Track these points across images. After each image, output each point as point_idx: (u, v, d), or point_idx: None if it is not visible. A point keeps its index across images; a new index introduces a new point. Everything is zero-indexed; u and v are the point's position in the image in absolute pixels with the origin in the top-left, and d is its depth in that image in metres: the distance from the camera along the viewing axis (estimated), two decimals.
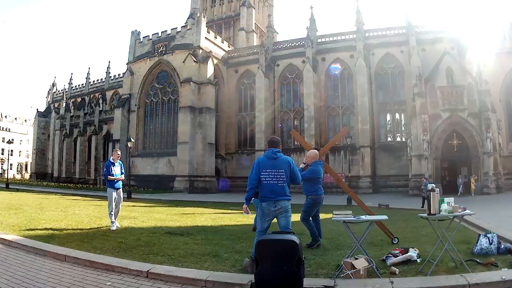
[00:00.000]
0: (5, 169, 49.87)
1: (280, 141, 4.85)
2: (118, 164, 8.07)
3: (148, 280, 4.28)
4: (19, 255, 5.37)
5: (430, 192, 4.69)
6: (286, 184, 4.57)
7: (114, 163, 8.01)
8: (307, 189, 6.24)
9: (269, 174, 4.53)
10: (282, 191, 4.52)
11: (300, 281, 3.67)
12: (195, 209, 14.59)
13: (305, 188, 6.27)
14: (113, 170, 7.90)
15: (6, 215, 9.33)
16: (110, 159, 8.17)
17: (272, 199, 4.51)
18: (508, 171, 24.99)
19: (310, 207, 6.26)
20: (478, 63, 24.45)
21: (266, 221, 4.61)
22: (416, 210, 13.90)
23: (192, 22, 34.96)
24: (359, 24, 31.43)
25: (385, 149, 30.44)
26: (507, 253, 5.23)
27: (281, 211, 4.53)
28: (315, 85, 31.63)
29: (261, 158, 4.72)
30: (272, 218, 4.62)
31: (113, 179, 7.86)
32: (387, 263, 4.80)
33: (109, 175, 7.84)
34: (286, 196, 4.55)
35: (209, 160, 32.10)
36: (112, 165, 7.96)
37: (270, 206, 4.52)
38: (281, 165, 4.56)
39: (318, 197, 6.24)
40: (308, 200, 6.25)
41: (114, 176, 7.87)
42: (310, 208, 6.27)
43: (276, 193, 4.50)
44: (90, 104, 47.00)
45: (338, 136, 6.80)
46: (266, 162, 4.61)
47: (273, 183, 4.51)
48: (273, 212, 4.55)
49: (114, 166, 7.96)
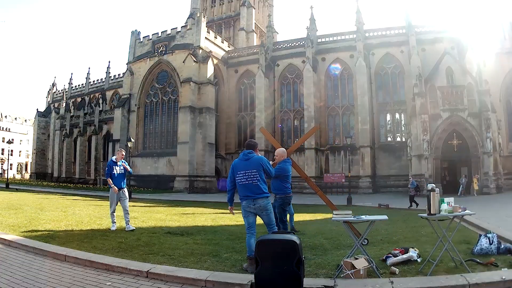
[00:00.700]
0: (5, 169, 49.87)
1: (256, 145, 5.08)
2: (120, 164, 7.86)
3: (148, 280, 4.28)
4: (19, 255, 5.37)
5: (430, 192, 4.68)
6: (261, 183, 4.77)
7: (116, 162, 7.84)
8: (276, 187, 6.25)
9: (243, 175, 4.79)
10: (258, 189, 4.75)
11: (300, 281, 3.67)
12: (195, 209, 14.59)
13: (274, 187, 6.26)
14: (115, 170, 7.76)
15: (6, 215, 9.33)
16: (113, 158, 7.98)
17: (250, 198, 4.77)
18: (508, 171, 25.00)
19: (282, 206, 6.29)
20: (478, 63, 24.44)
21: (249, 217, 4.87)
22: (416, 210, 13.92)
23: (192, 22, 34.96)
24: (359, 24, 31.43)
25: (385, 149, 30.43)
26: (507, 253, 5.23)
27: (261, 209, 4.80)
28: (315, 85, 31.63)
29: (236, 161, 5.00)
30: (254, 214, 4.87)
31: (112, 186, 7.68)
32: (387, 263, 4.80)
33: (110, 176, 7.72)
34: (264, 193, 4.78)
35: (209, 160, 32.11)
36: (115, 164, 7.80)
37: (249, 204, 4.79)
38: (253, 165, 4.79)
39: (287, 196, 6.24)
40: (277, 199, 6.26)
41: (116, 175, 7.73)
42: (282, 207, 6.29)
43: (252, 192, 4.75)
44: (90, 104, 46.99)
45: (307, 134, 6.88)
46: (239, 164, 4.89)
47: (248, 183, 4.76)
48: (253, 210, 4.81)
49: (116, 166, 7.81)
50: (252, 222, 4.88)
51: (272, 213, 4.92)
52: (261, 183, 4.77)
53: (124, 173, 7.87)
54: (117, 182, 7.72)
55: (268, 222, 4.85)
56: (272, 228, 4.88)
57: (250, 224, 4.86)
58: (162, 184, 31.07)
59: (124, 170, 7.87)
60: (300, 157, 31.54)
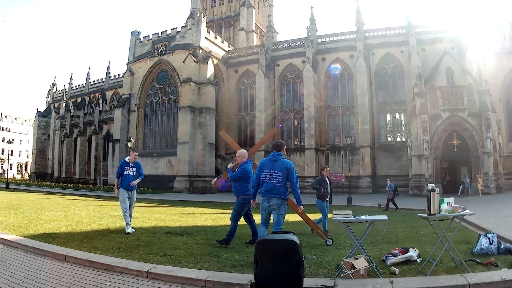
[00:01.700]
0: (5, 169, 49.87)
1: (283, 145, 5.35)
2: (133, 165, 7.57)
3: (148, 280, 4.28)
4: (19, 255, 5.37)
5: (430, 192, 4.68)
6: (281, 185, 5.06)
7: (129, 163, 7.56)
8: (238, 189, 6.27)
9: (268, 174, 5.11)
10: (277, 190, 5.05)
11: (300, 281, 3.67)
12: (195, 209, 14.60)
13: (235, 188, 6.31)
14: (126, 170, 7.50)
15: (6, 215, 9.32)
16: (126, 159, 7.73)
17: (267, 196, 5.12)
18: (508, 171, 25.00)
19: (241, 206, 6.31)
20: (478, 63, 24.44)
21: (263, 214, 5.28)
22: (416, 210, 13.91)
23: (192, 22, 34.97)
24: (359, 24, 31.43)
25: (385, 149, 30.43)
26: (507, 253, 5.23)
27: (274, 208, 5.11)
28: (315, 85, 31.63)
29: (264, 160, 5.33)
30: (268, 212, 5.21)
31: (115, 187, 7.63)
32: (387, 263, 4.80)
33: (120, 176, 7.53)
34: (280, 195, 5.07)
35: (209, 160, 32.11)
36: (126, 165, 7.54)
37: (265, 202, 5.17)
38: (279, 167, 5.08)
39: (248, 197, 6.16)
40: (240, 199, 6.28)
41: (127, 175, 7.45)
42: (241, 208, 6.33)
43: (270, 191, 5.08)
44: (90, 104, 46.98)
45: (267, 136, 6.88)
46: (267, 164, 5.21)
47: (269, 182, 5.08)
48: (268, 207, 5.15)
49: (128, 166, 7.54)
50: (266, 218, 5.29)
51: (283, 215, 5.16)
52: (281, 185, 5.05)
53: (136, 176, 7.54)
54: (125, 182, 7.45)
55: (276, 221, 5.13)
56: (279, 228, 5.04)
57: (264, 219, 5.30)
58: (162, 184, 31.07)
59: (136, 172, 7.56)
60: (300, 157, 31.55)
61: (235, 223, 6.32)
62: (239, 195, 6.31)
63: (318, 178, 8.39)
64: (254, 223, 6.59)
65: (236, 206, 6.37)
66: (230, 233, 6.26)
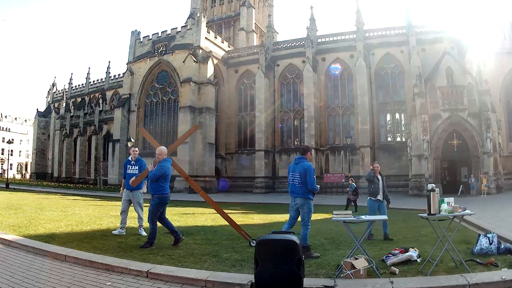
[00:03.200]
0: (5, 169, 49.88)
1: (307, 149, 5.90)
2: (135, 163, 7.27)
3: (148, 280, 4.28)
4: (19, 255, 5.37)
5: (430, 192, 4.68)
6: (301, 185, 5.55)
7: (131, 161, 7.35)
8: (154, 187, 6.04)
9: (291, 176, 5.71)
10: (298, 190, 5.60)
11: (300, 281, 3.67)
12: (195, 209, 14.61)
13: (152, 187, 6.07)
14: (128, 169, 7.27)
15: (6, 215, 9.32)
16: (129, 157, 7.49)
17: (293, 195, 5.73)
18: (508, 171, 25.00)
19: (157, 207, 6.08)
20: (478, 63, 24.42)
21: (291, 211, 5.83)
22: (416, 210, 13.90)
23: (192, 22, 34.96)
24: (359, 24, 31.41)
25: (385, 149, 30.42)
26: (507, 253, 5.23)
27: (298, 206, 5.63)
28: (315, 85, 31.62)
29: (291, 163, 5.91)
30: (295, 209, 5.71)
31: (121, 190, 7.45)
32: (387, 263, 4.80)
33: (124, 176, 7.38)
34: (302, 194, 5.56)
35: (209, 160, 32.10)
36: (129, 163, 7.33)
37: (291, 201, 5.79)
38: (298, 170, 5.59)
39: (164, 196, 6.09)
40: (155, 199, 6.05)
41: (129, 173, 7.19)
42: (157, 208, 6.08)
43: (294, 191, 5.67)
44: (90, 104, 46.98)
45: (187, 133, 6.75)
46: (291, 167, 5.80)
47: (292, 184, 5.67)
48: (294, 205, 5.70)
49: (131, 165, 7.30)
50: (293, 216, 5.77)
51: (307, 213, 5.56)
52: (302, 186, 5.54)
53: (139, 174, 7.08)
54: (126, 181, 7.20)
55: (302, 218, 5.64)
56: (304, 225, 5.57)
57: (291, 217, 5.80)
58: None
59: (138, 170, 7.14)
60: None
61: (154, 226, 6.03)
62: (154, 194, 6.04)
63: (369, 173, 7.76)
64: (168, 222, 6.33)
65: (151, 207, 6.05)
66: (151, 236, 6.01)
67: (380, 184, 7.59)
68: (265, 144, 32.47)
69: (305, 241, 5.42)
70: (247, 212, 14.32)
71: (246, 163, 34.29)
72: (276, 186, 32.27)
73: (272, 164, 33.09)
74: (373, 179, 7.58)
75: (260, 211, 14.55)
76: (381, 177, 7.69)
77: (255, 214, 13.35)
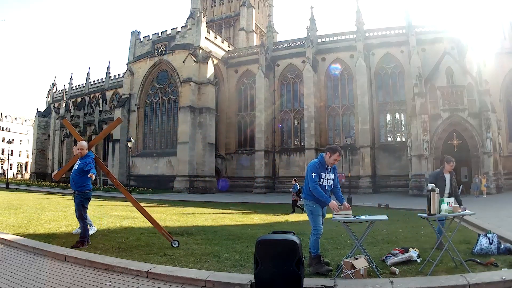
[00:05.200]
0: (5, 169, 49.89)
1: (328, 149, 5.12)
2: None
3: (148, 280, 4.28)
4: (19, 255, 5.37)
5: (430, 192, 4.68)
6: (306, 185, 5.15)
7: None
8: (77, 182, 5.87)
9: None
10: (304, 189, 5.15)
11: (300, 281, 3.67)
12: (195, 209, 14.60)
13: (75, 181, 5.91)
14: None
15: (6, 215, 9.32)
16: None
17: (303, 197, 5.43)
18: (508, 171, 24.99)
19: (83, 204, 5.97)
20: (478, 63, 24.42)
21: None
22: (416, 210, 13.90)
23: (192, 22, 34.96)
24: (359, 24, 31.41)
25: (385, 149, 30.43)
26: (507, 253, 5.23)
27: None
28: (315, 85, 31.63)
29: None
30: None
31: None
32: (387, 263, 4.80)
33: None
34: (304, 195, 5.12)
35: (209, 160, 32.11)
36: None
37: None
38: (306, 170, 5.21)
39: (86, 192, 5.98)
40: (78, 197, 5.94)
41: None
42: (83, 205, 5.98)
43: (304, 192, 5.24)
44: (90, 104, 46.97)
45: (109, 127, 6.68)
46: None
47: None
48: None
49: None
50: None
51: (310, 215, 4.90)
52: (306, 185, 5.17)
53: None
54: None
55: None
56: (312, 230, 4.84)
57: None
58: (162, 184, 31.08)
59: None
60: (300, 157, 31.58)
61: (84, 223, 5.89)
62: (76, 190, 5.91)
63: (434, 172, 6.54)
64: (86, 223, 6.06)
65: (77, 206, 5.92)
66: (83, 235, 5.83)
67: (448, 187, 6.10)
68: (265, 144, 32.48)
69: (313, 249, 4.69)
70: (247, 212, 14.32)
71: (246, 163, 34.30)
72: (276, 186, 32.28)
73: (272, 164, 33.11)
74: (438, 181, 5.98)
75: (260, 211, 14.56)
76: (450, 177, 6.29)
77: (255, 214, 13.35)
